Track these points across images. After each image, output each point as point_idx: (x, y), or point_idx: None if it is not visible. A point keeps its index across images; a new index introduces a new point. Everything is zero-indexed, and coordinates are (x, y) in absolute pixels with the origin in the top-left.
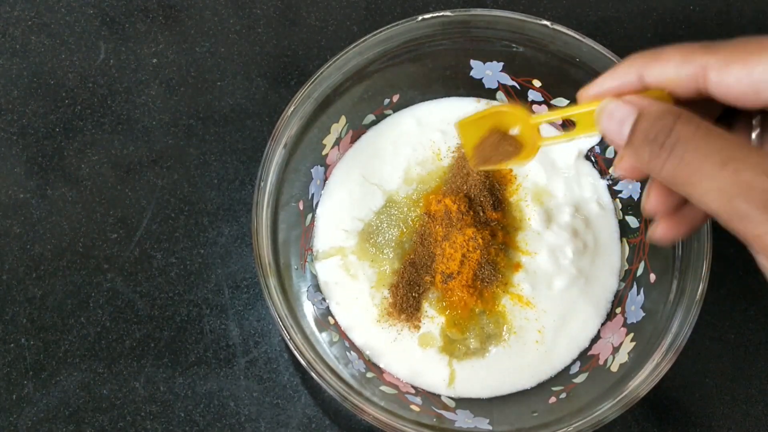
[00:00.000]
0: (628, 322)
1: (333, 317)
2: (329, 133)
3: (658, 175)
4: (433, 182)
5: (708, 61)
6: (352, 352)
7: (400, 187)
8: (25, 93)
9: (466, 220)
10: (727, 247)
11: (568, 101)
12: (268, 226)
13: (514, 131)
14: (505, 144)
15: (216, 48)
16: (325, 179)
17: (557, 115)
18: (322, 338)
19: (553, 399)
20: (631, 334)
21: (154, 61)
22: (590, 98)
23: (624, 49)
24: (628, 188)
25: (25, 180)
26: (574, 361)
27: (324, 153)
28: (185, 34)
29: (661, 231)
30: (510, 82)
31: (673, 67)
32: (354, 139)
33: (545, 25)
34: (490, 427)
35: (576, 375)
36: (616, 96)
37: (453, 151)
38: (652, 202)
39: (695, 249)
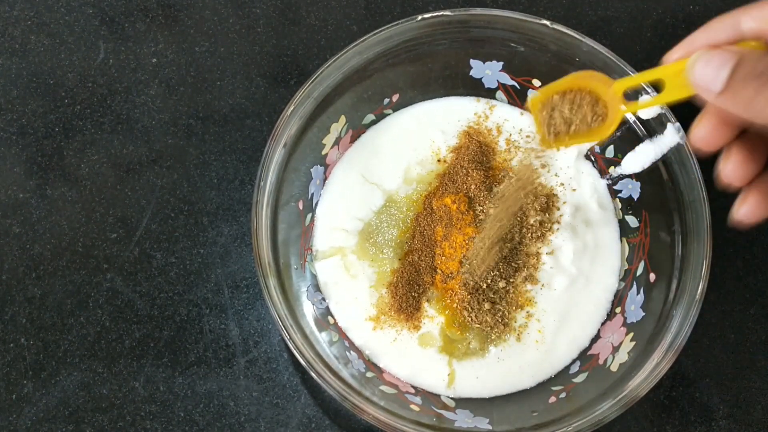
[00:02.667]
0: (628, 321)
1: (333, 317)
2: (329, 132)
3: (761, 112)
4: (433, 182)
5: None
6: (351, 351)
7: (400, 187)
8: (25, 93)
9: (466, 219)
10: (727, 247)
11: None
12: (267, 225)
13: (591, 100)
14: (579, 116)
15: (216, 48)
16: (325, 179)
17: (644, 78)
18: (322, 338)
19: (553, 399)
20: (631, 334)
21: (154, 60)
22: (679, 58)
23: (624, 49)
24: (628, 188)
25: (25, 180)
26: (574, 361)
27: (324, 153)
28: (185, 34)
29: (746, 210)
30: (510, 82)
31: None
32: (354, 139)
33: (545, 25)
34: (490, 427)
35: (576, 374)
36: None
37: (453, 151)
38: (731, 168)
39: (695, 249)
